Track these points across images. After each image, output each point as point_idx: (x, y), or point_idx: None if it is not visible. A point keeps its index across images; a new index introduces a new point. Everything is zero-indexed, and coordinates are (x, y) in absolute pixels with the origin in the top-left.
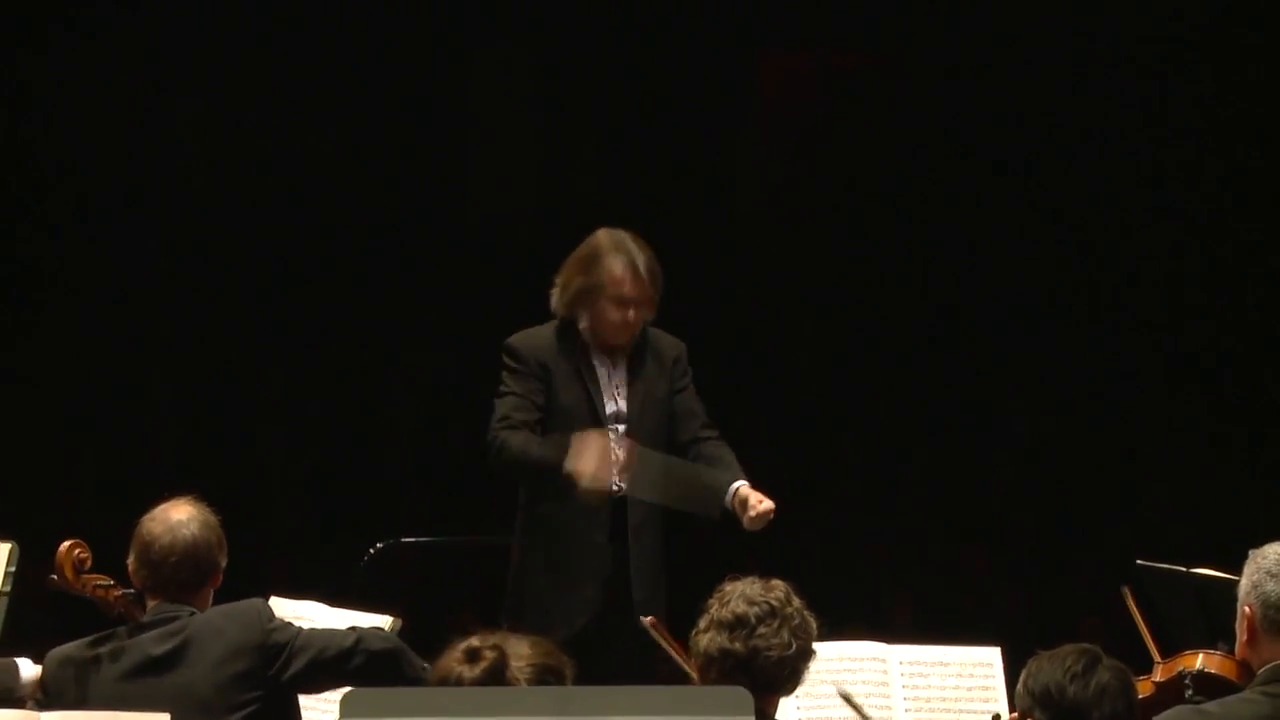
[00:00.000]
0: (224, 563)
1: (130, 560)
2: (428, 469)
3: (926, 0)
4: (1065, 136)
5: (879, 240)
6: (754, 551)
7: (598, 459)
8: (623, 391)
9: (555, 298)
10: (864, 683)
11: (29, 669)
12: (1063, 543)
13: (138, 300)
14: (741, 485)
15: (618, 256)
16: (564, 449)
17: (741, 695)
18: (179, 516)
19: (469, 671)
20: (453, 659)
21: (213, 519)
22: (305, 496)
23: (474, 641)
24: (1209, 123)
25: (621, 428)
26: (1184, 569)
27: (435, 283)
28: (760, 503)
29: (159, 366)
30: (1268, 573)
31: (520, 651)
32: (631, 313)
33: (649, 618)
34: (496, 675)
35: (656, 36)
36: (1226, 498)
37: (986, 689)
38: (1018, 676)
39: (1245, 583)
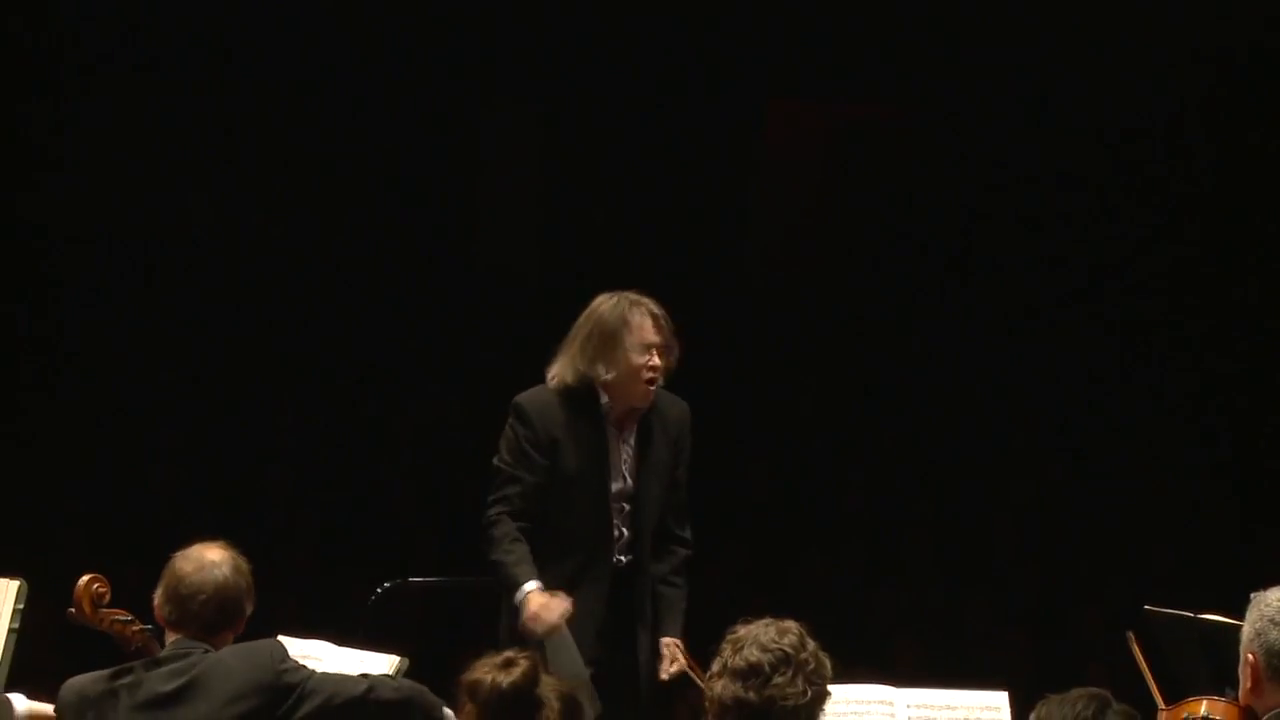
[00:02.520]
0: (250, 609)
1: (157, 595)
2: (435, 509)
3: (935, 52)
4: (1077, 185)
5: (887, 289)
6: (763, 593)
7: (551, 621)
8: (630, 468)
9: (565, 364)
10: None
11: (22, 704)
12: (1069, 587)
13: (144, 337)
14: (666, 641)
15: (634, 307)
16: (528, 575)
17: None
18: (212, 557)
19: (504, 677)
20: (485, 666)
21: (244, 565)
22: (313, 535)
23: (509, 653)
24: (1215, 175)
25: (626, 506)
26: (1191, 614)
27: (443, 327)
28: (672, 664)
29: (166, 405)
30: (1270, 620)
31: (547, 678)
32: (657, 359)
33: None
34: (530, 684)
35: (666, 87)
36: (1233, 542)
37: None
38: None
39: (1248, 629)
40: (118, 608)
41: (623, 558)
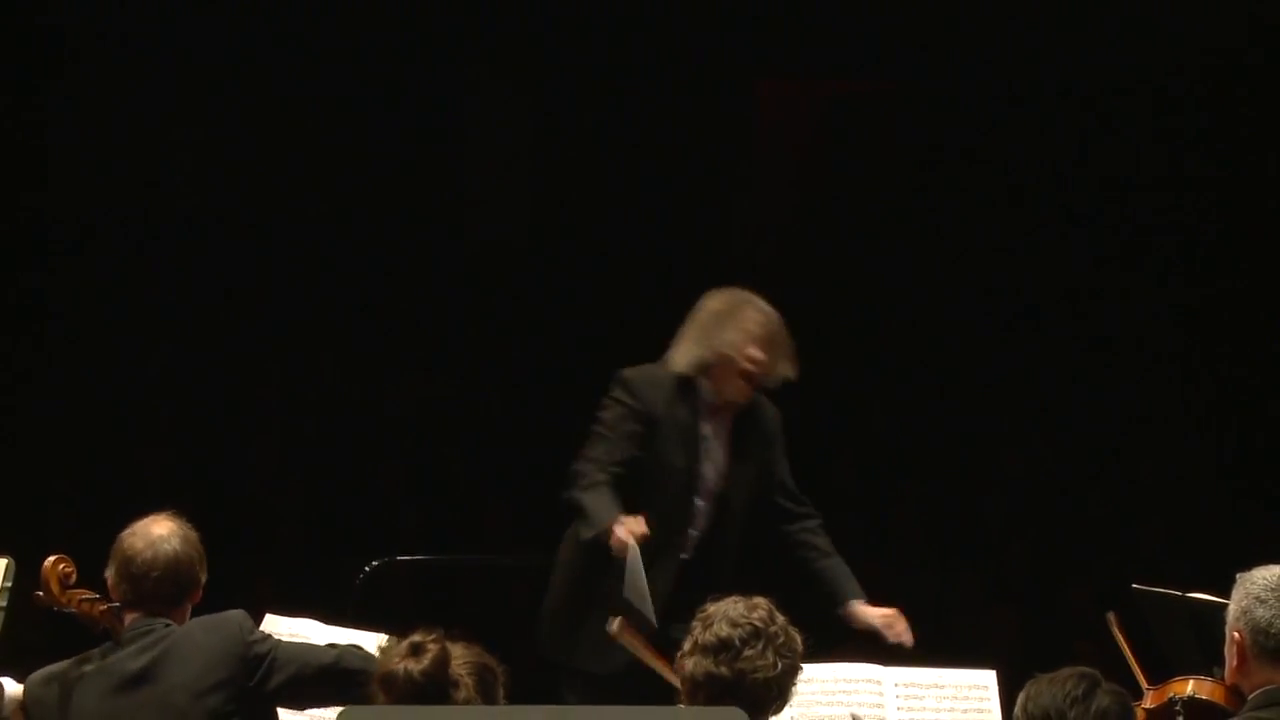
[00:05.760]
0: (204, 578)
1: (109, 574)
2: (424, 487)
3: (924, 27)
4: (1067, 165)
5: (877, 267)
6: (747, 573)
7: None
8: (719, 457)
9: (677, 349)
10: (859, 704)
11: (12, 687)
12: (1058, 566)
13: (132, 318)
14: (858, 605)
15: (746, 303)
16: (612, 518)
17: (736, 715)
18: (160, 531)
19: (415, 665)
20: (395, 654)
21: (193, 534)
22: (301, 514)
23: (415, 637)
24: (1212, 156)
25: (701, 503)
26: (1179, 593)
27: (431, 302)
28: (891, 628)
29: (154, 384)
30: (1256, 598)
31: (456, 651)
32: (760, 354)
33: (615, 620)
34: (441, 667)
35: (653, 66)
36: (1221, 522)
37: (982, 711)
38: (1012, 699)
39: (1234, 608)
40: (83, 587)
41: (693, 531)
